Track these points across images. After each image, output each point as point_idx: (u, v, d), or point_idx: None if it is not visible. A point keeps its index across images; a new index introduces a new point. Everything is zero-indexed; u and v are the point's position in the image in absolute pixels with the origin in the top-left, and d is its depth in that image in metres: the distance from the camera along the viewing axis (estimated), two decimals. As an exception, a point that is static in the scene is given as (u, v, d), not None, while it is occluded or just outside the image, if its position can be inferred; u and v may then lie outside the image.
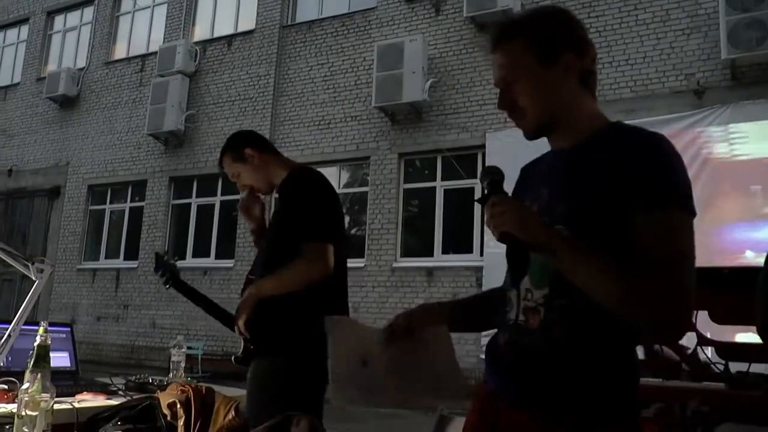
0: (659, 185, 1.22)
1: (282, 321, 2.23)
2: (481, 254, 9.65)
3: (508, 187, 1.39)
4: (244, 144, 2.56)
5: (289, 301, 2.21)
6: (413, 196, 10.87)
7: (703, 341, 3.33)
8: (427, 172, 10.67)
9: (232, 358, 2.39)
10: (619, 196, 1.24)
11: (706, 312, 3.24)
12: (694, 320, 3.23)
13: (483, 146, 9.92)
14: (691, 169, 7.08)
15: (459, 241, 10.12)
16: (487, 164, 1.33)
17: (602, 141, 1.33)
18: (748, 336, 3.49)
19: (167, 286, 2.33)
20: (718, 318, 3.29)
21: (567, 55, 1.35)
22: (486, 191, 1.33)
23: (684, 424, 2.87)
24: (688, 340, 3.32)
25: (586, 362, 1.27)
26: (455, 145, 10.19)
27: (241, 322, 2.28)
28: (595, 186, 1.27)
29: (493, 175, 1.33)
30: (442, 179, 10.41)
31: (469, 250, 9.94)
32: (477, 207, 9.94)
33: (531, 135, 1.44)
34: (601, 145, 1.32)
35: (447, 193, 10.36)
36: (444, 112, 10.40)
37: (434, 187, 10.43)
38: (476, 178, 10.08)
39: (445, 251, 10.16)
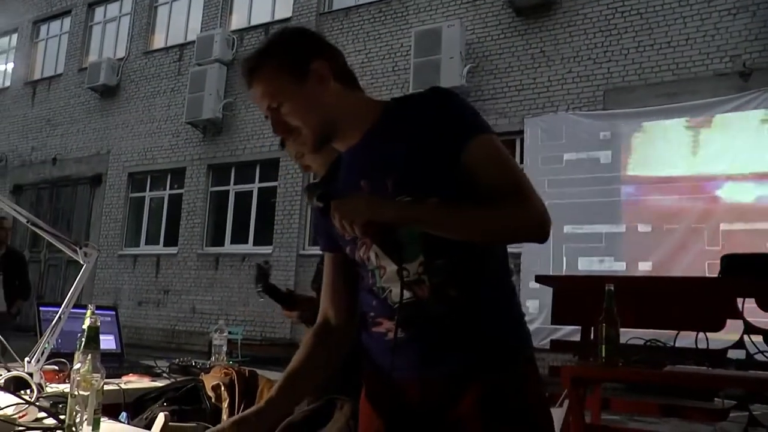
0: (463, 120, 1.34)
1: None
2: (519, 240, 9.55)
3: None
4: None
5: None
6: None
7: (751, 329, 3.25)
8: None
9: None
10: (435, 146, 1.32)
11: (753, 300, 3.17)
12: (740, 308, 3.17)
13: (521, 131, 9.81)
14: (737, 152, 6.92)
15: (496, 227, 10.03)
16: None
17: (390, 118, 1.41)
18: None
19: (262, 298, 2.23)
20: (766, 306, 3.20)
21: (317, 63, 1.41)
22: (322, 205, 1.35)
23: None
24: (735, 327, 3.24)
25: (485, 305, 1.34)
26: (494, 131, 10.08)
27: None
28: (409, 151, 1.33)
29: (316, 189, 1.38)
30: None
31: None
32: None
33: (315, 148, 1.48)
34: (391, 120, 1.40)
35: (484, 179, 10.27)
36: (482, 98, 10.30)
37: (472, 174, 10.37)
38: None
39: (482, 238, 10.10)
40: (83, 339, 1.47)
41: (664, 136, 8.66)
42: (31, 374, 1.90)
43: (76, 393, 1.41)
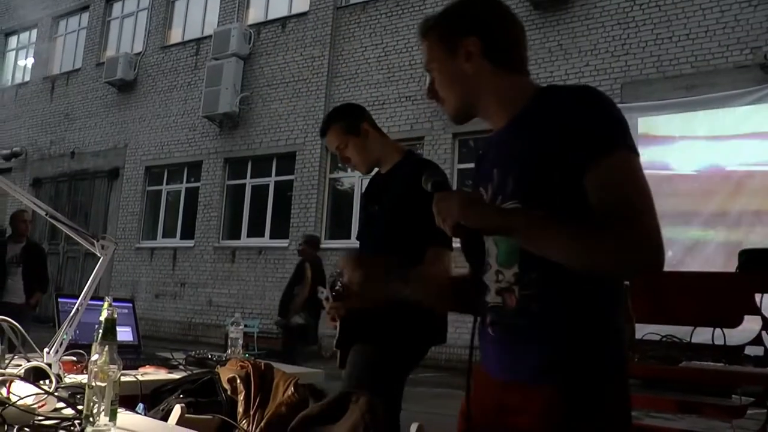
0: (596, 132, 1.24)
1: (384, 312, 2.22)
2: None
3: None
4: (361, 117, 2.55)
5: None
6: (468, 176, 10.78)
7: (768, 325, 3.21)
8: (481, 152, 10.56)
9: (334, 342, 2.39)
10: (561, 155, 1.25)
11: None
12: (758, 304, 3.13)
13: (537, 125, 9.75)
14: (756, 144, 6.82)
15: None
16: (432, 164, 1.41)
17: (534, 109, 1.36)
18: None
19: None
20: (785, 301, 3.17)
21: (468, 40, 1.41)
22: (431, 192, 1.38)
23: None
24: (753, 323, 3.21)
25: (566, 329, 1.29)
26: (509, 125, 10.05)
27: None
28: (537, 153, 1.29)
29: (435, 177, 1.42)
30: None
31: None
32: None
33: (455, 120, 1.51)
34: (534, 112, 1.35)
35: (500, 173, 10.23)
36: (497, 91, 10.25)
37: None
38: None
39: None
40: (101, 331, 1.49)
41: (682, 129, 8.57)
42: (50, 365, 1.92)
43: (93, 384, 1.43)
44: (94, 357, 1.45)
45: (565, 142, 1.25)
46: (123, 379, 1.56)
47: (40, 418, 1.50)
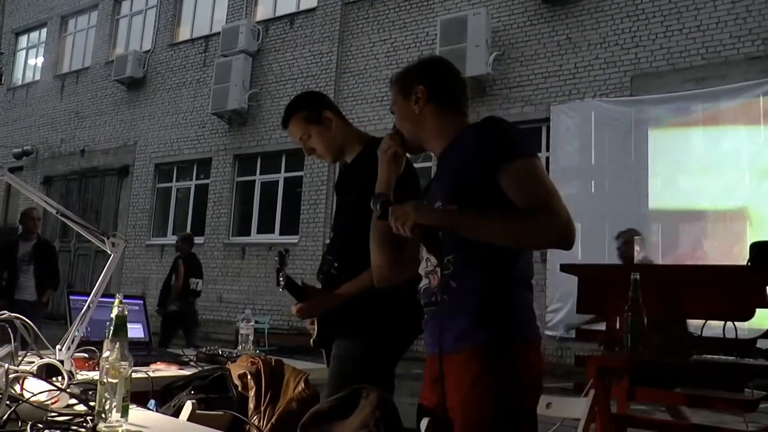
0: (499, 146, 1.65)
1: (363, 305, 2.22)
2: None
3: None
4: (323, 106, 2.46)
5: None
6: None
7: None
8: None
9: (311, 341, 2.38)
10: (478, 166, 1.65)
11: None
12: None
13: (547, 119, 9.72)
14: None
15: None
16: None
17: (458, 140, 1.79)
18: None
19: (281, 288, 2.25)
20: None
21: (417, 87, 1.84)
22: (380, 212, 1.74)
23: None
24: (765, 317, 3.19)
25: (478, 302, 1.62)
26: (519, 119, 9.99)
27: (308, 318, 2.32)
28: (461, 167, 1.69)
29: (381, 197, 1.78)
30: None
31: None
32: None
33: (404, 150, 1.93)
34: (457, 142, 1.78)
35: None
36: (508, 86, 10.22)
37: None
38: (541, 152, 9.89)
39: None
40: (112, 327, 1.50)
41: (692, 121, 8.52)
42: (62, 362, 1.93)
43: (105, 380, 1.44)
44: (106, 354, 1.46)
45: (479, 157, 1.65)
46: (134, 375, 1.57)
47: (53, 414, 1.51)
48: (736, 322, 2.94)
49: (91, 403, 1.54)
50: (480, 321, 1.62)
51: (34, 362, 1.88)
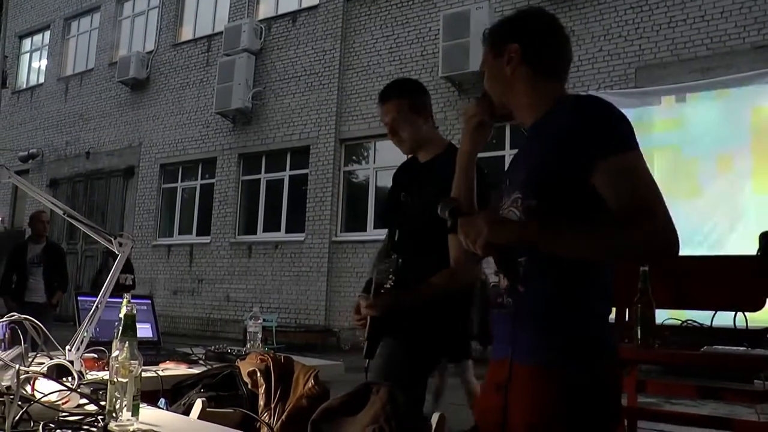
0: (601, 134, 1.41)
1: (411, 310, 2.28)
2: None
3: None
4: (427, 100, 2.53)
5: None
6: (482, 166, 10.72)
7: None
8: (495, 141, 10.49)
9: (365, 333, 2.39)
10: (569, 159, 1.41)
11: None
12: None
13: (551, 113, 9.68)
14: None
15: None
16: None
17: (553, 114, 1.53)
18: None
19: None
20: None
21: (511, 47, 1.60)
22: (450, 222, 1.53)
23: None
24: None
25: (546, 304, 1.45)
26: (523, 113, 9.98)
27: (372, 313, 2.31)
28: (546, 153, 1.47)
29: (451, 204, 1.57)
30: (511, 147, 10.23)
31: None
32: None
33: (495, 119, 1.72)
34: (551, 117, 1.53)
35: (515, 161, 10.17)
36: (510, 80, 10.18)
37: (503, 156, 10.24)
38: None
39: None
40: (121, 327, 1.50)
41: (697, 112, 8.48)
42: (72, 362, 1.94)
43: (115, 380, 1.44)
44: (115, 353, 1.47)
45: (573, 144, 1.41)
46: (144, 374, 1.57)
47: (64, 414, 1.52)
48: (746, 313, 2.93)
49: (102, 403, 1.54)
50: (547, 336, 1.46)
51: (44, 363, 1.89)
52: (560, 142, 1.44)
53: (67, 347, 2.09)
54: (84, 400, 1.62)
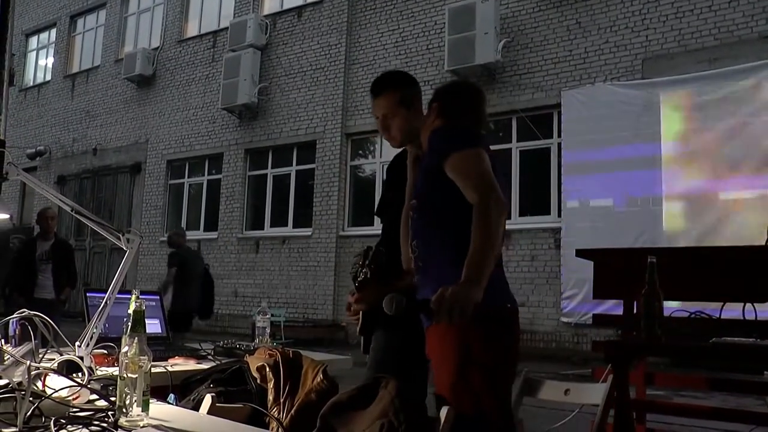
0: (438, 144, 2.05)
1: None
2: (559, 215, 9.47)
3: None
4: (417, 94, 2.49)
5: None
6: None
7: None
8: (501, 134, 10.47)
9: (358, 329, 2.41)
10: (430, 163, 2.04)
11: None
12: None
13: (558, 105, 9.65)
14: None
15: (536, 202, 9.94)
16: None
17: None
18: None
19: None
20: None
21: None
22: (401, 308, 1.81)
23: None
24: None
25: (437, 276, 1.94)
26: (530, 105, 9.96)
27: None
28: (423, 165, 2.12)
29: (397, 299, 1.81)
30: (518, 140, 10.21)
31: (547, 212, 9.76)
32: (554, 168, 9.72)
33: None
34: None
35: (522, 154, 10.16)
36: (518, 72, 10.16)
37: (510, 149, 10.23)
38: (552, 138, 9.84)
39: (522, 213, 10.00)
40: (130, 323, 1.50)
41: (703, 103, 8.43)
42: (81, 358, 1.95)
43: (125, 375, 1.45)
44: (125, 349, 1.47)
45: (430, 155, 2.06)
46: (153, 370, 1.58)
47: (74, 409, 1.53)
48: (755, 304, 2.92)
49: (112, 398, 1.55)
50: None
51: (54, 359, 1.90)
52: (428, 155, 2.11)
53: (77, 343, 2.10)
54: (94, 396, 1.63)
